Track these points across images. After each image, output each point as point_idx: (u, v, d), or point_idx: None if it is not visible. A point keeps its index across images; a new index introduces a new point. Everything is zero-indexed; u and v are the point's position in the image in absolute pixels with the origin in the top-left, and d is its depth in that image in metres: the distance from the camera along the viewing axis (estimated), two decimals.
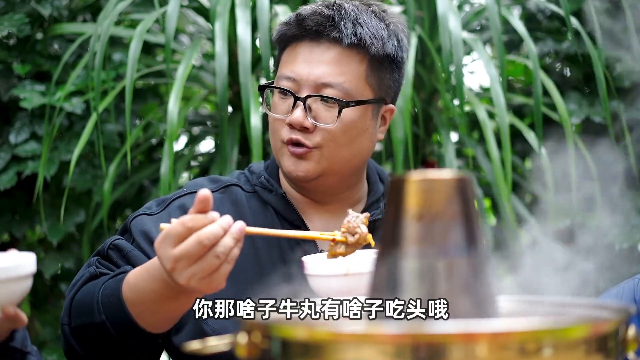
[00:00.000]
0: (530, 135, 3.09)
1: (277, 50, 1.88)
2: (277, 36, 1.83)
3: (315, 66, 1.77)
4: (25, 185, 3.12)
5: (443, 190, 1.04)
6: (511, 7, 3.59)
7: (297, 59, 1.79)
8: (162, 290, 1.51)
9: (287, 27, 1.81)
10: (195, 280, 1.41)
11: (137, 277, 1.57)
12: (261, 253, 1.77)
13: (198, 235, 1.40)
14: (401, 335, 0.90)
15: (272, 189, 1.84)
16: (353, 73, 1.78)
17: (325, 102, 1.77)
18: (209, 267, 1.40)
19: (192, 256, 1.40)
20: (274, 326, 0.98)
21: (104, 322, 1.58)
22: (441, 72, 2.96)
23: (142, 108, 3.35)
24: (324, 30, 1.77)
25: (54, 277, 3.15)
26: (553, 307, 1.16)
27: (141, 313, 1.56)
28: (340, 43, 1.77)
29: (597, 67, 2.91)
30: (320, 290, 1.54)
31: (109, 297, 1.59)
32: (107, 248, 1.73)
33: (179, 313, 1.57)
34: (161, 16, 2.85)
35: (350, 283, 1.49)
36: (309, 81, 1.76)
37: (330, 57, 1.78)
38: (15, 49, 3.17)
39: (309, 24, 1.78)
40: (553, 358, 0.92)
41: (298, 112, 1.75)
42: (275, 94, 1.80)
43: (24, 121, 3.07)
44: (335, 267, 1.51)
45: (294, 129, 1.76)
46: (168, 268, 1.41)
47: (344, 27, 1.77)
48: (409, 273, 1.03)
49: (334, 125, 1.76)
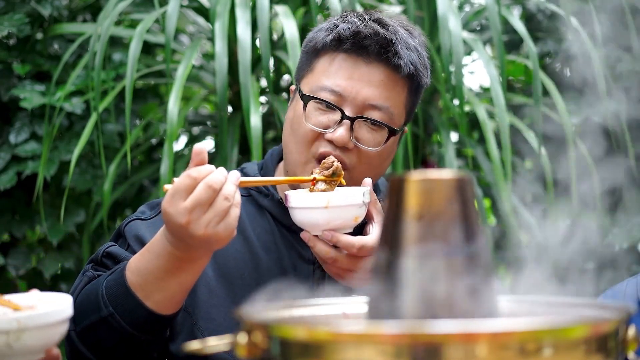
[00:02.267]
0: (530, 135, 3.10)
1: (304, 52, 1.80)
2: (319, 43, 1.75)
3: (364, 85, 1.72)
4: (25, 185, 3.12)
5: (443, 190, 1.04)
6: (511, 7, 3.60)
7: (340, 72, 1.73)
8: (167, 264, 1.52)
9: (335, 38, 1.73)
10: (212, 227, 1.44)
11: (139, 260, 1.57)
12: (258, 258, 1.77)
13: (206, 181, 1.44)
14: (401, 335, 0.90)
15: (267, 194, 1.82)
16: (397, 98, 1.75)
17: (369, 123, 1.72)
18: (222, 210, 1.45)
19: (205, 202, 1.44)
20: (274, 326, 0.98)
21: (113, 314, 1.57)
22: (441, 72, 2.96)
23: (142, 108, 3.35)
24: (382, 53, 1.72)
25: (54, 277, 3.15)
26: (553, 307, 1.16)
27: (149, 293, 1.55)
28: (392, 67, 1.73)
29: (597, 67, 2.91)
30: (302, 221, 1.65)
31: (113, 289, 1.58)
32: (101, 255, 1.72)
33: (186, 286, 1.56)
34: (161, 16, 2.85)
35: (329, 215, 1.61)
36: (356, 100, 1.71)
37: (379, 79, 1.73)
38: (15, 49, 3.17)
39: (369, 44, 1.71)
40: (553, 358, 0.92)
41: (343, 130, 1.70)
42: (310, 102, 1.73)
43: (24, 121, 3.07)
44: (316, 200, 1.62)
45: (331, 145, 1.71)
46: (184, 222, 1.44)
47: (402, 53, 1.72)
48: (409, 273, 1.03)
49: (377, 149, 1.73)
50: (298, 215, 1.65)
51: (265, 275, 1.75)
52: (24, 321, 1.25)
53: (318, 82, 1.74)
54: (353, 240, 1.61)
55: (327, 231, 1.62)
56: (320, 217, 1.62)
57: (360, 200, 1.63)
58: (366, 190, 1.65)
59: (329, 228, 1.62)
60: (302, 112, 1.73)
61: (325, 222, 1.62)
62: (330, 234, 1.62)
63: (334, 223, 1.62)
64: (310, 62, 1.77)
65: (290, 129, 1.76)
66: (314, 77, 1.75)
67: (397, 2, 3.39)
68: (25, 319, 1.25)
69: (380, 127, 1.73)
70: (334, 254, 1.63)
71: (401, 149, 2.76)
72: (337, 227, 1.62)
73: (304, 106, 1.72)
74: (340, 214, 1.62)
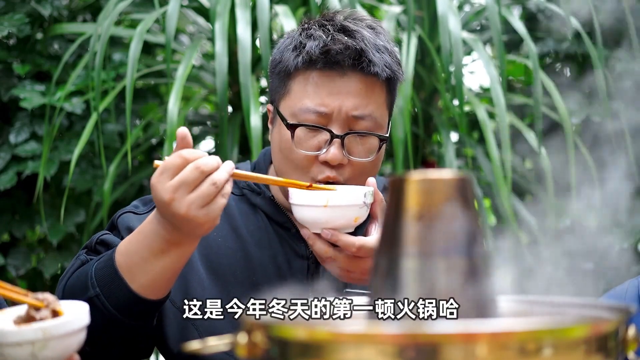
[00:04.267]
0: (530, 135, 3.10)
1: (274, 74, 1.76)
2: (290, 66, 1.72)
3: (344, 98, 1.70)
4: (25, 185, 3.12)
5: (443, 190, 1.04)
6: (511, 7, 3.59)
7: (319, 90, 1.71)
8: (152, 243, 1.54)
9: (307, 60, 1.71)
10: (194, 209, 1.45)
11: (129, 241, 1.58)
12: (251, 256, 1.77)
13: (195, 163, 1.47)
14: (401, 335, 0.90)
15: (260, 192, 1.81)
16: (378, 102, 1.74)
17: (358, 136, 1.72)
18: (207, 194, 1.46)
19: (191, 183, 1.45)
20: (274, 326, 0.98)
21: (99, 294, 1.57)
22: (441, 72, 2.96)
23: (142, 108, 3.35)
24: (356, 65, 1.70)
25: (54, 277, 3.14)
26: (553, 307, 1.16)
27: (134, 276, 1.55)
28: (368, 75, 1.71)
29: (597, 67, 2.91)
30: (303, 218, 1.65)
31: (102, 270, 1.59)
32: (95, 243, 1.73)
33: (170, 272, 1.56)
34: (161, 16, 2.85)
35: (328, 214, 1.61)
36: (341, 114, 1.70)
37: (358, 88, 1.71)
38: (15, 49, 3.17)
39: (341, 59, 1.69)
40: (553, 358, 0.92)
41: (335, 150, 1.69)
42: (299, 128, 1.71)
43: (24, 121, 3.07)
44: (316, 199, 1.62)
45: (327, 166, 1.71)
46: (167, 199, 1.46)
47: (375, 59, 1.70)
48: (409, 273, 1.03)
49: (370, 159, 1.73)
50: (298, 212, 1.65)
51: (259, 272, 1.75)
52: (50, 330, 1.26)
53: (300, 105, 1.71)
54: (353, 240, 1.61)
55: (327, 230, 1.62)
56: (320, 215, 1.62)
57: (361, 200, 1.63)
58: (369, 190, 1.64)
59: (328, 227, 1.62)
60: (290, 140, 1.71)
61: (324, 221, 1.62)
62: (330, 232, 1.61)
63: (333, 222, 1.62)
64: (283, 84, 1.75)
65: (280, 154, 1.74)
66: (293, 101, 1.73)
67: (397, 2, 3.39)
68: (51, 328, 1.26)
69: (369, 136, 1.73)
70: (333, 253, 1.63)
71: (401, 149, 2.76)
72: (336, 226, 1.62)
73: (292, 135, 1.71)
74: (339, 214, 1.62)
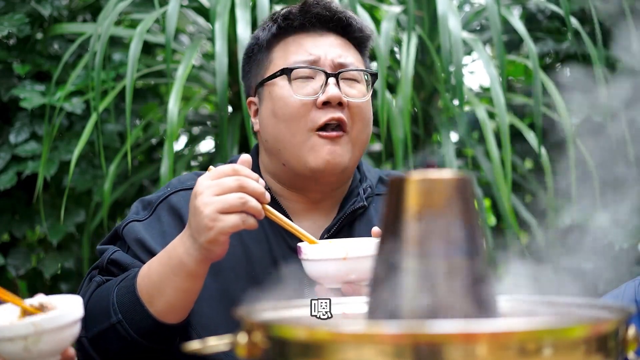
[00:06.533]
0: (530, 135, 3.09)
1: (253, 57, 1.85)
2: (269, 36, 1.81)
3: (328, 49, 1.78)
4: (25, 185, 3.12)
5: (443, 190, 1.04)
6: (511, 7, 3.60)
7: (302, 47, 1.79)
8: (168, 262, 1.56)
9: (284, 17, 1.80)
10: (211, 209, 1.49)
11: (152, 261, 1.61)
12: (250, 252, 1.77)
13: (240, 177, 1.51)
14: (401, 335, 0.90)
15: None
16: (356, 57, 1.82)
17: (345, 79, 1.77)
18: (229, 204, 1.49)
19: (224, 188, 1.50)
20: (274, 326, 0.98)
21: (121, 321, 1.59)
22: (441, 72, 2.96)
23: (142, 108, 3.35)
24: (332, 20, 1.81)
25: (54, 277, 3.15)
26: (553, 307, 1.16)
27: (152, 299, 1.58)
28: (343, 30, 1.81)
29: (597, 67, 2.91)
30: (319, 274, 1.56)
31: (124, 297, 1.60)
32: (106, 263, 1.73)
33: (182, 293, 1.58)
34: (161, 16, 2.85)
35: (349, 266, 1.52)
36: (327, 61, 1.77)
37: (337, 42, 1.80)
38: (15, 49, 3.17)
39: (318, 11, 1.79)
40: (553, 358, 0.92)
41: (334, 87, 1.73)
42: (291, 83, 1.75)
43: (24, 121, 3.07)
44: (335, 252, 1.54)
45: (328, 108, 1.73)
46: (198, 190, 1.51)
47: (348, 14, 1.81)
48: (409, 273, 1.02)
49: (365, 99, 1.77)
50: (314, 267, 1.56)
51: (257, 267, 1.75)
52: (41, 324, 1.26)
53: (286, 63, 1.77)
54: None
55: (348, 285, 1.54)
56: (340, 268, 1.53)
57: None
58: None
59: (347, 281, 1.53)
60: (286, 91, 1.74)
61: (344, 273, 1.53)
62: (351, 287, 1.54)
63: (353, 275, 1.52)
64: (264, 58, 1.82)
65: (275, 120, 1.76)
66: (278, 64, 1.79)
67: (397, 2, 3.39)
68: (42, 322, 1.26)
69: (357, 81, 1.78)
70: None
71: (401, 149, 2.76)
72: (357, 279, 1.53)
73: (289, 80, 1.75)
74: (360, 265, 1.51)
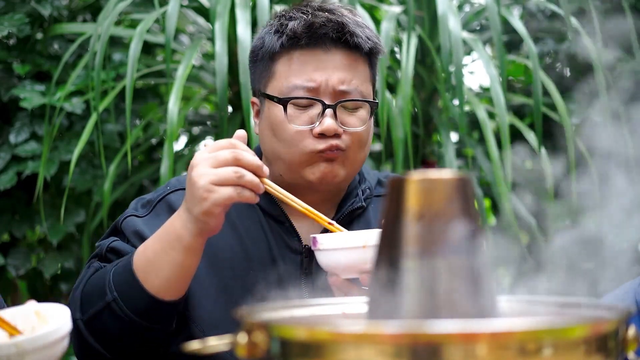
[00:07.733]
0: (530, 135, 3.10)
1: (257, 62, 1.80)
2: (275, 46, 1.76)
3: (331, 72, 1.74)
4: (25, 185, 3.12)
5: (443, 190, 1.04)
6: (511, 7, 3.60)
7: (305, 67, 1.74)
8: (163, 237, 1.59)
9: (290, 37, 1.74)
10: (204, 181, 1.52)
11: (148, 239, 1.64)
12: (248, 249, 1.77)
13: (235, 150, 1.54)
14: (401, 335, 0.90)
15: None
16: (362, 76, 1.78)
17: (345, 107, 1.74)
18: (224, 176, 1.52)
19: (220, 161, 1.53)
20: (274, 326, 0.98)
21: (116, 299, 1.60)
22: (441, 72, 2.96)
23: (142, 108, 3.35)
24: (339, 38, 1.74)
25: (54, 277, 3.15)
26: (553, 307, 1.16)
27: (148, 275, 1.59)
28: (351, 48, 1.75)
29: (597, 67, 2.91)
30: (337, 263, 1.54)
31: (121, 275, 1.62)
32: (105, 251, 1.74)
33: (177, 268, 1.59)
34: (161, 16, 2.85)
35: (369, 254, 1.46)
36: (329, 88, 1.73)
37: (342, 63, 1.75)
38: (15, 49, 3.17)
39: (325, 32, 1.74)
40: (553, 358, 0.92)
41: (330, 120, 1.72)
42: (288, 106, 1.74)
43: (24, 121, 3.07)
44: (354, 240, 1.53)
45: (324, 138, 1.72)
46: (194, 162, 1.54)
47: (357, 32, 1.75)
48: (409, 273, 1.02)
49: (363, 128, 1.75)
50: (330, 258, 1.54)
51: (256, 266, 1.75)
52: (23, 345, 1.21)
53: (287, 83, 1.75)
54: None
55: (367, 274, 1.51)
56: (360, 257, 1.50)
57: None
58: None
59: (366, 270, 1.51)
60: (282, 118, 1.73)
61: (363, 262, 1.50)
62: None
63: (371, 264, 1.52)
64: (268, 68, 1.78)
65: (273, 137, 1.77)
66: (279, 81, 1.76)
67: (397, 2, 3.39)
68: (24, 343, 1.21)
69: (357, 109, 1.76)
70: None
71: (401, 149, 2.76)
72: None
73: (285, 110, 1.73)
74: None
